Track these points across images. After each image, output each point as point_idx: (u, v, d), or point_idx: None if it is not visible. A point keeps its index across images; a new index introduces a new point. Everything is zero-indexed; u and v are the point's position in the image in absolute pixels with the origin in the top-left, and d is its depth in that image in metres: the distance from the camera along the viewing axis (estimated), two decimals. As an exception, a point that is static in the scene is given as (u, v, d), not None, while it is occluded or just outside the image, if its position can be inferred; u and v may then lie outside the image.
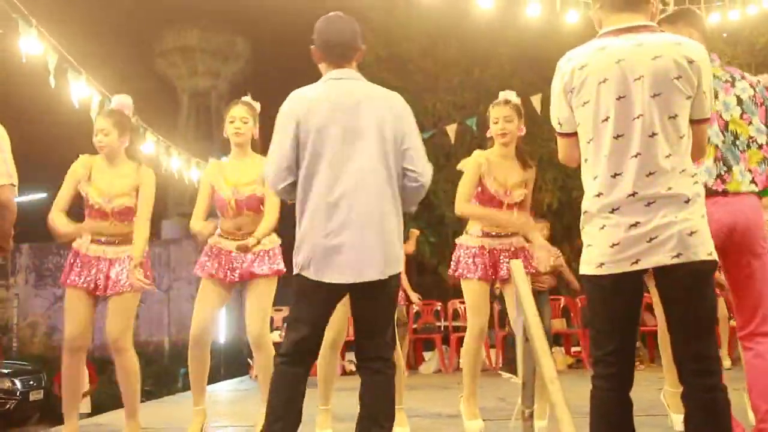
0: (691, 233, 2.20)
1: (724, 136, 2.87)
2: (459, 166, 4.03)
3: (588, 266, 2.29)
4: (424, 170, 2.77)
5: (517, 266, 2.80)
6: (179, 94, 37.17)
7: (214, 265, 3.92)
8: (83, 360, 3.87)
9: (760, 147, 2.90)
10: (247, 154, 4.00)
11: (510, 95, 4.00)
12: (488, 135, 4.02)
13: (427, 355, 9.15)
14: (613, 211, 2.23)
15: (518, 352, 2.79)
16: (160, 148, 6.35)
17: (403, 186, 2.78)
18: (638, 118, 2.23)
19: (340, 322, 3.65)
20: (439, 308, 9.25)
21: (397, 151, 2.74)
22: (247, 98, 4.07)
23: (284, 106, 2.76)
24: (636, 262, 2.21)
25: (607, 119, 2.25)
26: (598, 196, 2.27)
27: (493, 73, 11.77)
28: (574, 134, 2.35)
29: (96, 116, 3.87)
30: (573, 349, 8.81)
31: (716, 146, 2.86)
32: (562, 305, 8.80)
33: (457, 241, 4.16)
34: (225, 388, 7.91)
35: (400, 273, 2.78)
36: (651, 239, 2.20)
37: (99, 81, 5.24)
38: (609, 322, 2.28)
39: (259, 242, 3.77)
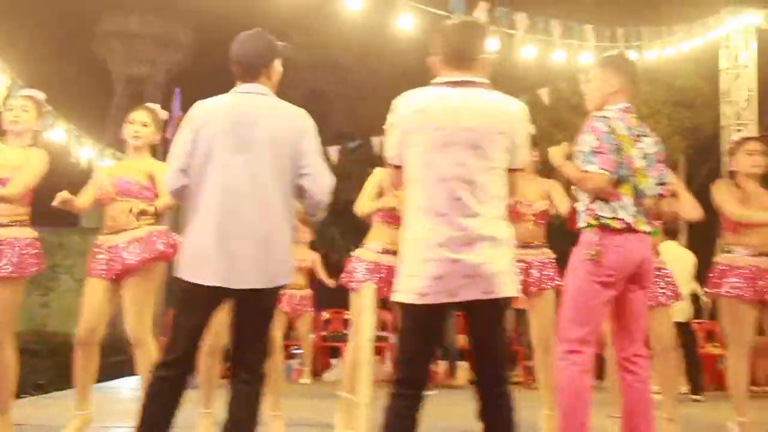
0: (501, 272, 2.49)
1: (635, 181, 3.17)
2: None
3: (408, 295, 2.52)
4: (320, 189, 2.88)
5: (369, 289, 2.92)
6: (114, 80, 36.22)
7: (99, 263, 3.91)
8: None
9: (649, 198, 3.23)
10: (142, 157, 4.06)
11: None
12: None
13: (333, 362, 9.19)
14: (439, 246, 2.47)
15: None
16: (71, 137, 6.23)
17: (303, 200, 2.91)
18: (460, 165, 2.49)
19: (219, 328, 3.69)
20: (348, 317, 9.29)
21: (294, 166, 2.84)
22: (154, 105, 4.18)
23: (187, 114, 2.89)
24: (454, 295, 2.47)
25: (430, 164, 2.50)
26: (426, 231, 2.51)
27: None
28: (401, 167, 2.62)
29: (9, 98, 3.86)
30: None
31: (632, 187, 3.15)
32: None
33: (352, 254, 4.28)
34: (128, 386, 7.77)
35: (282, 286, 2.85)
36: (469, 276, 2.46)
37: (23, 60, 5.12)
38: (421, 346, 2.55)
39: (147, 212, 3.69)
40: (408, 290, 2.53)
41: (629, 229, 3.09)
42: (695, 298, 7.42)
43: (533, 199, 4.09)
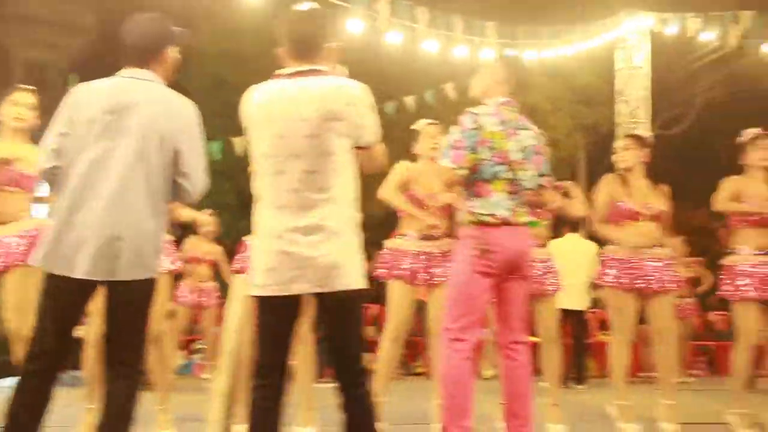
0: (337, 264, 2.46)
1: (513, 174, 3.25)
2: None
3: (251, 287, 2.55)
4: (194, 191, 2.79)
5: (240, 281, 2.90)
6: (12, 65, 34.55)
7: None
8: None
9: (530, 190, 3.37)
10: (21, 141, 3.87)
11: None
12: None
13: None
14: (275, 237, 2.47)
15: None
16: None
17: (177, 195, 2.80)
18: (296, 156, 2.48)
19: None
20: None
21: (166, 155, 2.71)
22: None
23: (68, 95, 2.76)
24: (288, 288, 2.46)
25: (269, 156, 2.51)
26: (266, 223, 2.52)
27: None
28: None
29: None
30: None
31: (507, 181, 3.23)
32: (377, 313, 9.02)
33: (244, 238, 4.24)
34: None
35: (153, 279, 2.73)
36: (301, 268, 2.44)
37: None
38: (268, 338, 2.54)
39: None
40: (251, 282, 2.54)
41: (506, 224, 3.22)
42: (596, 287, 7.65)
43: (439, 191, 4.13)
